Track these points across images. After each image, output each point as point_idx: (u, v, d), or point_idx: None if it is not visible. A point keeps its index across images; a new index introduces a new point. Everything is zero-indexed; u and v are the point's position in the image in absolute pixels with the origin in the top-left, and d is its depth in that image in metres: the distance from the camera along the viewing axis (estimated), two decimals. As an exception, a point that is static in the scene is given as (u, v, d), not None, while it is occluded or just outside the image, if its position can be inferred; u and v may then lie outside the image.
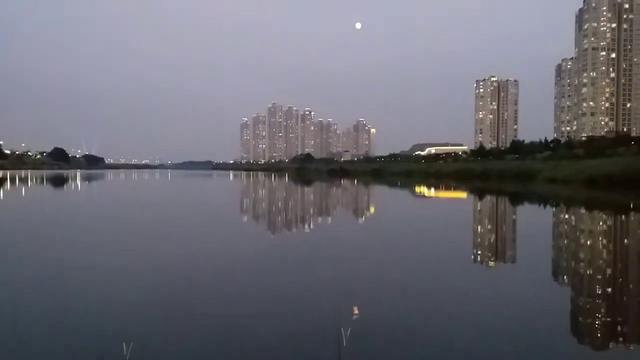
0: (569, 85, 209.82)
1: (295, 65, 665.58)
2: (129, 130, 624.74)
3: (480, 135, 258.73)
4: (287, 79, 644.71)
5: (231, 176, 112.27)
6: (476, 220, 22.65)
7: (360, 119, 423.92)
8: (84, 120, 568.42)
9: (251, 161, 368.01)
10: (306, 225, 19.04)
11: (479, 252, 13.03)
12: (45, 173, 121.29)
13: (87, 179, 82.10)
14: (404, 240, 15.02)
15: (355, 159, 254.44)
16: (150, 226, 18.23)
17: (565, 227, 19.56)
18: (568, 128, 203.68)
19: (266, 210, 26.38)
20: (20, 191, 44.92)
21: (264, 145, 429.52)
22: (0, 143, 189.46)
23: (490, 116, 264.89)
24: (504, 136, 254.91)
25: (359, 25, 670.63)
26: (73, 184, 61.41)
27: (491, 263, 11.54)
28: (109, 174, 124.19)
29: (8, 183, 59.53)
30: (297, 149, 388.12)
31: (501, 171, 76.77)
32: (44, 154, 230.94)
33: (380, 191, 50.29)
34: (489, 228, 18.95)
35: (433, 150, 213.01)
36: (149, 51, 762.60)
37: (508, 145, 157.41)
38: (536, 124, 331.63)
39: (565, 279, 10.18)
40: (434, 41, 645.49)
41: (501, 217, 23.64)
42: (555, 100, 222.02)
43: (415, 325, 6.63)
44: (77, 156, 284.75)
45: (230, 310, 7.18)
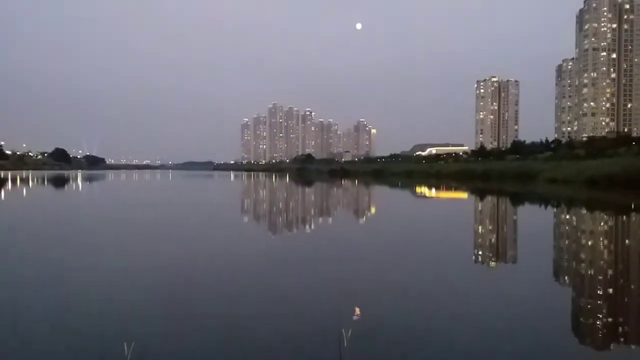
0: (570, 85, 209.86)
1: (295, 66, 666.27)
2: (129, 131, 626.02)
3: (481, 135, 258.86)
4: (288, 79, 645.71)
5: (232, 177, 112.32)
6: (477, 220, 22.64)
7: (361, 120, 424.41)
8: (84, 121, 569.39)
9: (252, 162, 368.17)
10: (307, 226, 19.04)
11: (480, 253, 13.03)
12: (46, 174, 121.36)
13: (88, 179, 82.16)
14: (405, 241, 15.02)
15: (356, 159, 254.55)
16: (151, 226, 18.24)
17: (566, 228, 19.55)
18: (569, 128, 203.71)
19: (267, 211, 26.38)
20: (21, 192, 44.95)
21: (265, 146, 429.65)
22: (1, 143, 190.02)
23: (491, 116, 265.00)
24: (504, 136, 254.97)
25: (359, 26, 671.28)
26: (74, 185, 61.45)
27: (492, 263, 11.54)
28: (110, 175, 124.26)
29: (9, 184, 59.58)
30: (298, 150, 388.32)
31: (502, 172, 76.80)
32: (45, 155, 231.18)
33: (381, 192, 50.28)
34: (490, 228, 18.94)
35: (434, 150, 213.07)
36: (149, 51, 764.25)
37: (509, 145, 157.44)
38: (537, 124, 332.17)
39: (566, 279, 10.18)
40: (434, 41, 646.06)
41: (502, 218, 23.64)
42: (556, 101, 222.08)
43: (416, 325, 6.63)
44: (78, 157, 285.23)
45: (231, 310, 7.19)
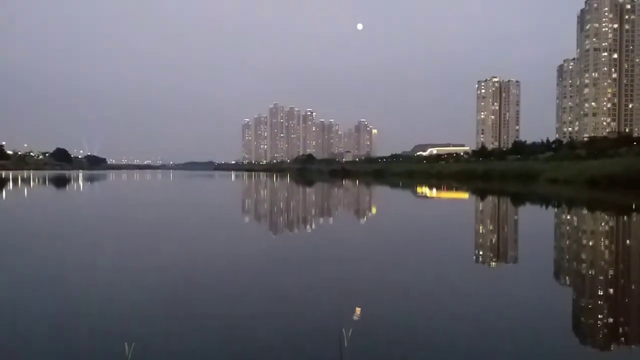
0: (571, 85, 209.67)
1: (296, 66, 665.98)
2: (130, 131, 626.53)
3: (482, 135, 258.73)
4: (288, 79, 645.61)
5: (233, 177, 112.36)
6: (478, 220, 22.63)
7: (362, 120, 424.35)
8: (86, 121, 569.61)
9: (253, 162, 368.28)
10: (308, 226, 19.04)
11: (481, 253, 13.03)
12: (48, 174, 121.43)
13: (90, 179, 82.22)
14: (406, 241, 15.02)
15: (357, 159, 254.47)
16: (152, 226, 18.25)
17: (567, 228, 19.54)
18: (570, 129, 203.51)
19: (268, 211, 26.39)
20: (23, 192, 44.99)
21: (266, 146, 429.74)
22: (3, 143, 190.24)
23: (492, 117, 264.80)
24: (505, 137, 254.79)
25: (360, 26, 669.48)
26: (75, 185, 61.51)
27: (493, 263, 11.54)
28: (111, 175, 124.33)
29: (10, 184, 59.64)
30: (299, 150, 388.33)
31: (503, 172, 76.77)
32: (46, 155, 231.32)
33: (382, 192, 50.27)
34: (490, 229, 18.93)
35: (435, 150, 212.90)
36: (149, 51, 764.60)
37: (510, 145, 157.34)
38: (538, 124, 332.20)
39: (567, 279, 10.17)
40: (435, 41, 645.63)
41: (503, 218, 23.62)
42: (557, 101, 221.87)
43: (416, 325, 6.63)
44: (79, 157, 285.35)
45: (231, 310, 7.20)
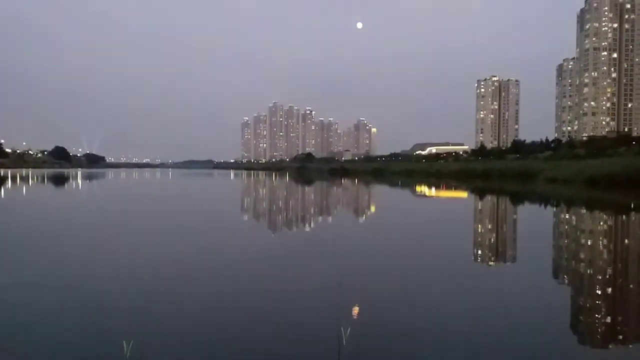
0: (570, 85, 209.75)
1: (295, 64, 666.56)
2: (129, 129, 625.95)
3: (481, 134, 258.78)
4: (288, 77, 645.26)
5: (232, 175, 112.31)
6: (477, 219, 22.63)
7: (361, 119, 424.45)
8: (85, 119, 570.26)
9: (252, 160, 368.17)
10: (307, 224, 19.03)
11: (480, 252, 13.03)
12: (46, 172, 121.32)
13: (88, 177, 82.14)
14: (404, 239, 15.02)
15: (356, 158, 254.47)
16: (151, 225, 18.22)
17: (566, 227, 19.55)
18: (569, 128, 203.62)
19: (267, 209, 26.38)
20: (21, 190, 44.94)
21: (265, 145, 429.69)
22: (1, 141, 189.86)
23: (491, 116, 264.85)
24: (505, 136, 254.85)
25: (360, 25, 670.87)
26: (74, 183, 61.45)
27: (492, 262, 11.54)
28: (110, 173, 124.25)
29: (9, 181, 59.56)
30: (298, 149, 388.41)
31: (502, 171, 76.76)
32: (45, 153, 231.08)
33: (381, 190, 50.28)
34: (489, 227, 18.94)
35: (434, 149, 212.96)
36: (149, 50, 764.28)
37: (509, 145, 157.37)
38: (537, 123, 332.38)
39: (565, 278, 10.17)
40: (434, 40, 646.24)
41: (502, 217, 23.63)
42: (557, 100, 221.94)
43: (415, 324, 6.63)
44: (78, 155, 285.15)
45: (229, 308, 7.20)
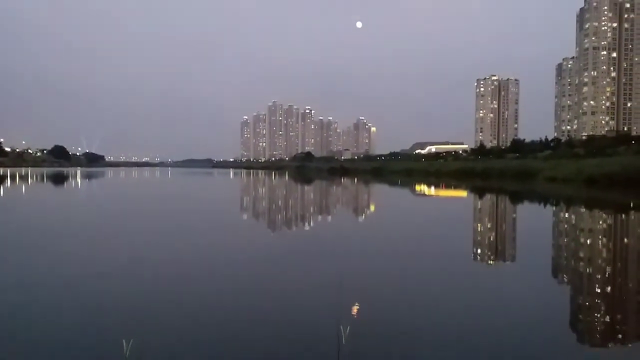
0: (570, 84, 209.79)
1: (294, 63, 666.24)
2: (129, 128, 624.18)
3: (480, 134, 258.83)
4: (288, 77, 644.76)
5: (231, 174, 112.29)
6: (477, 218, 22.64)
7: (361, 118, 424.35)
8: (84, 119, 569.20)
9: (251, 159, 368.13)
10: (306, 223, 19.04)
11: (479, 251, 13.04)
12: (46, 171, 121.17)
13: (87, 176, 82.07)
14: (404, 239, 15.03)
15: (356, 157, 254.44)
16: (150, 223, 18.23)
17: (565, 226, 19.57)
18: (568, 127, 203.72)
19: (266, 208, 26.38)
20: (20, 189, 44.90)
21: (264, 144, 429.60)
22: (1, 140, 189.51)
23: (491, 115, 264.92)
24: (504, 135, 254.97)
25: (359, 24, 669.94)
26: (73, 182, 61.41)
27: (491, 261, 11.55)
28: (109, 172, 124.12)
29: (8, 180, 59.51)
30: (298, 148, 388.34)
31: (502, 170, 76.74)
32: (44, 152, 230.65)
33: (381, 190, 50.29)
34: (489, 227, 18.95)
35: (433, 148, 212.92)
36: (149, 50, 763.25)
37: (508, 144, 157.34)
38: (537, 123, 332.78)
39: (565, 277, 10.19)
40: (434, 40, 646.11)
41: (501, 216, 23.64)
42: (556, 100, 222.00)
43: (415, 323, 6.63)
44: (78, 154, 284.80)
45: (229, 307, 7.20)
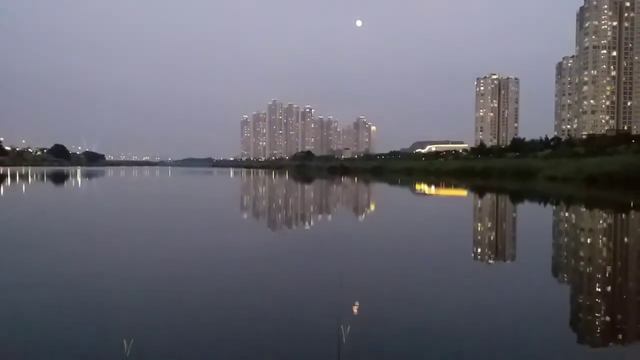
0: (570, 83, 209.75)
1: (294, 62, 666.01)
2: (129, 127, 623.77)
3: (480, 133, 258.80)
4: (287, 76, 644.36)
5: (231, 173, 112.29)
6: (477, 217, 22.64)
7: (361, 117, 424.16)
8: (84, 118, 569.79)
9: (251, 158, 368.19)
10: (306, 222, 19.04)
11: (479, 250, 13.04)
12: (46, 170, 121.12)
13: (87, 175, 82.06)
14: (404, 238, 15.03)
15: (356, 156, 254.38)
16: (150, 223, 18.22)
17: (565, 226, 19.56)
18: (569, 126, 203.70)
19: (267, 207, 26.38)
20: (20, 188, 44.90)
21: (264, 143, 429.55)
22: (1, 139, 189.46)
23: (491, 114, 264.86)
24: (504, 134, 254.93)
25: (359, 23, 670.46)
26: (73, 181, 61.40)
27: (491, 260, 11.54)
28: (109, 171, 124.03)
29: (8, 179, 59.50)
30: (298, 147, 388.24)
31: (502, 169, 76.70)
32: (45, 151, 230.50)
33: (381, 189, 50.28)
34: (489, 226, 18.94)
35: (433, 148, 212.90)
36: (149, 49, 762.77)
37: (508, 143, 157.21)
38: (537, 122, 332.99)
39: (565, 277, 10.19)
40: (434, 38, 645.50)
41: (502, 215, 23.64)
42: (556, 99, 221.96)
43: (415, 323, 6.63)
44: (78, 153, 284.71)
45: (230, 306, 7.20)
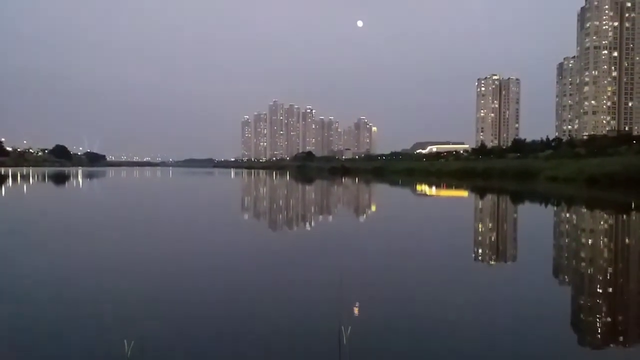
0: (571, 83, 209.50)
1: (295, 63, 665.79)
2: (130, 128, 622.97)
3: (481, 133, 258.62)
4: (288, 77, 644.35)
5: (232, 174, 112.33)
6: (478, 218, 22.64)
7: (362, 117, 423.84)
8: (85, 119, 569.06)
9: (252, 159, 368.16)
10: (307, 223, 19.04)
11: (480, 250, 13.04)
12: (47, 170, 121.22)
13: (89, 176, 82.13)
14: (405, 238, 15.02)
15: (357, 157, 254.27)
16: (151, 223, 18.24)
17: (567, 227, 19.55)
18: (570, 127, 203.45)
19: (268, 208, 26.39)
20: (22, 188, 44.94)
21: (265, 143, 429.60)
22: (2, 140, 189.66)
23: (492, 115, 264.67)
24: (505, 135, 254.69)
25: (360, 23, 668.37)
26: (74, 182, 61.46)
27: (492, 261, 11.55)
28: (111, 172, 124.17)
29: (10, 180, 59.57)
30: (299, 147, 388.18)
31: (503, 170, 76.65)
32: (46, 151, 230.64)
33: (382, 189, 50.28)
34: (490, 226, 18.94)
35: (434, 148, 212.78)
36: (149, 49, 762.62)
37: (509, 143, 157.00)
38: (538, 122, 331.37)
39: (566, 277, 10.19)
40: (434, 39, 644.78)
41: (503, 216, 23.63)
42: (557, 99, 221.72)
43: (416, 323, 6.63)
44: (79, 153, 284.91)
45: (231, 307, 7.21)
